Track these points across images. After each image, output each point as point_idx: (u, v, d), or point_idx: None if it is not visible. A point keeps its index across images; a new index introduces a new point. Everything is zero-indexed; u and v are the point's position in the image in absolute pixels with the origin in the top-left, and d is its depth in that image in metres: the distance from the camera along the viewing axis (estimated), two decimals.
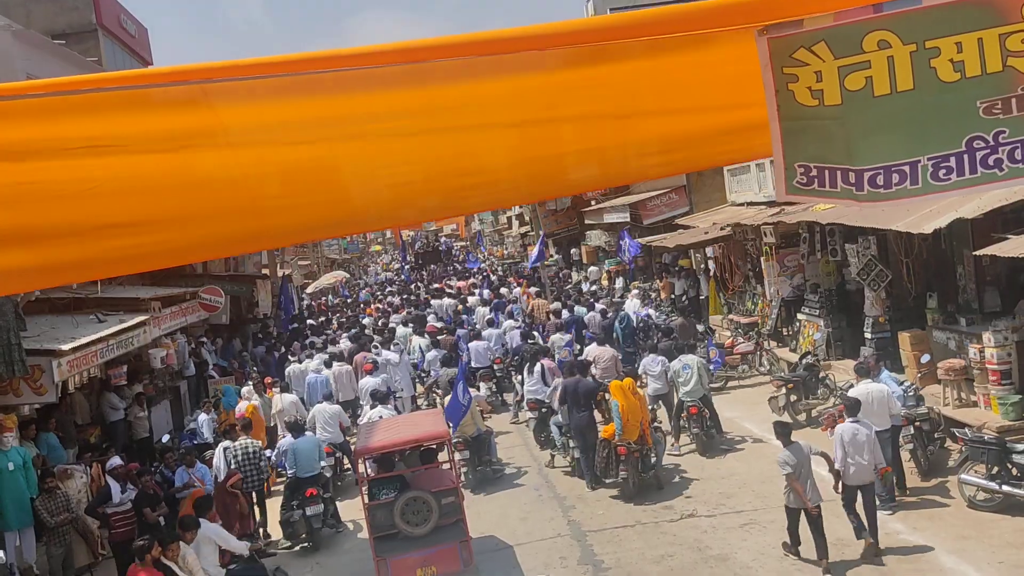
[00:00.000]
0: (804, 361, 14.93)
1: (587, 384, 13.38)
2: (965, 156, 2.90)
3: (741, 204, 22.60)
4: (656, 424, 13.46)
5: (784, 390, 14.08)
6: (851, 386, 12.62)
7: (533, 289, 31.52)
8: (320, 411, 14.88)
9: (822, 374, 14.72)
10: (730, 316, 21.32)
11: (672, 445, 13.98)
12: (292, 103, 2.66)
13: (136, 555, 8.23)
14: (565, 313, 22.84)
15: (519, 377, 17.86)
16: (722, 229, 21.96)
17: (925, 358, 12.87)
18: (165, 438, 14.63)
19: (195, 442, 14.77)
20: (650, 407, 13.74)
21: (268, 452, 13.63)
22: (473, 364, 18.76)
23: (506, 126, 2.91)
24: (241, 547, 9.76)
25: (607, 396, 12.94)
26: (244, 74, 2.58)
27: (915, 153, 2.89)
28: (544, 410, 14.91)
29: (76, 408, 15.63)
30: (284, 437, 13.64)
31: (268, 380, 17.54)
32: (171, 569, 8.46)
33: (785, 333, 19.05)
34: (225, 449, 12.43)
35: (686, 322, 20.08)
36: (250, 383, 17.72)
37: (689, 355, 14.53)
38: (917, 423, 11.14)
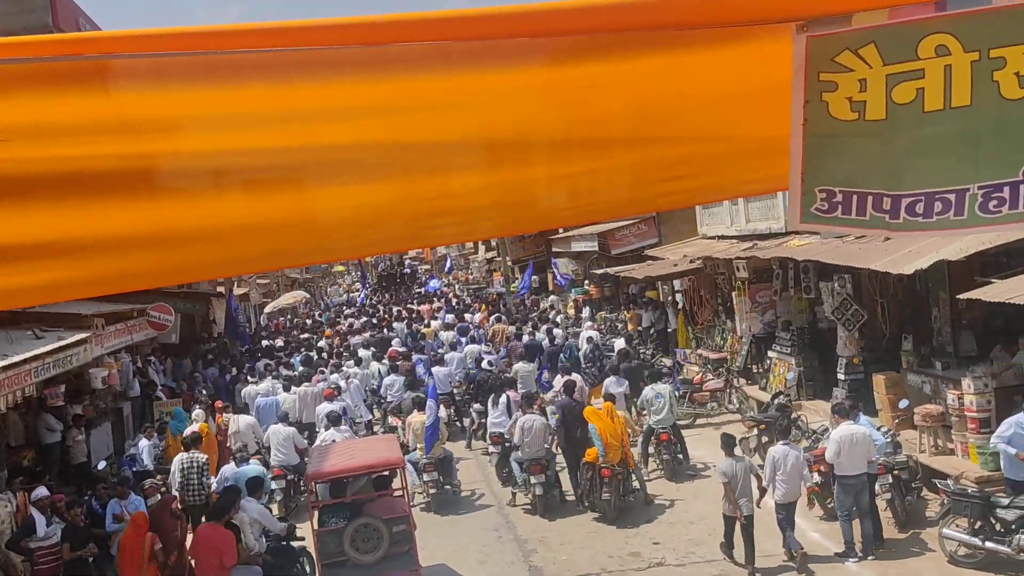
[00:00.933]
0: (776, 401, 14.50)
1: (581, 405, 13.80)
2: (1021, 187, 2.42)
3: (712, 237, 22.29)
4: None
5: (756, 431, 13.61)
6: (826, 429, 12.26)
7: (494, 316, 31.05)
8: (274, 432, 14.62)
9: (794, 415, 14.28)
10: (699, 351, 20.89)
11: (640, 471, 13.78)
12: (217, 91, 2.05)
13: None
14: (525, 338, 22.63)
15: (476, 405, 17.61)
16: (692, 262, 21.60)
17: (903, 403, 12.49)
18: (102, 464, 13.72)
19: (134, 469, 13.90)
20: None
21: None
22: (438, 390, 17.99)
23: (481, 141, 2.34)
24: (280, 527, 10.51)
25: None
26: (152, 48, 1.96)
27: (965, 180, 2.40)
28: (507, 444, 14.34)
29: (9, 429, 14.69)
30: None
31: (218, 404, 16.69)
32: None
33: (755, 370, 18.65)
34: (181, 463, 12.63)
35: (628, 348, 19.98)
36: (198, 406, 16.93)
37: (662, 384, 14.68)
38: (895, 471, 10.70)
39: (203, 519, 10.11)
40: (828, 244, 15.01)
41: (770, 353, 17.83)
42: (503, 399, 15.10)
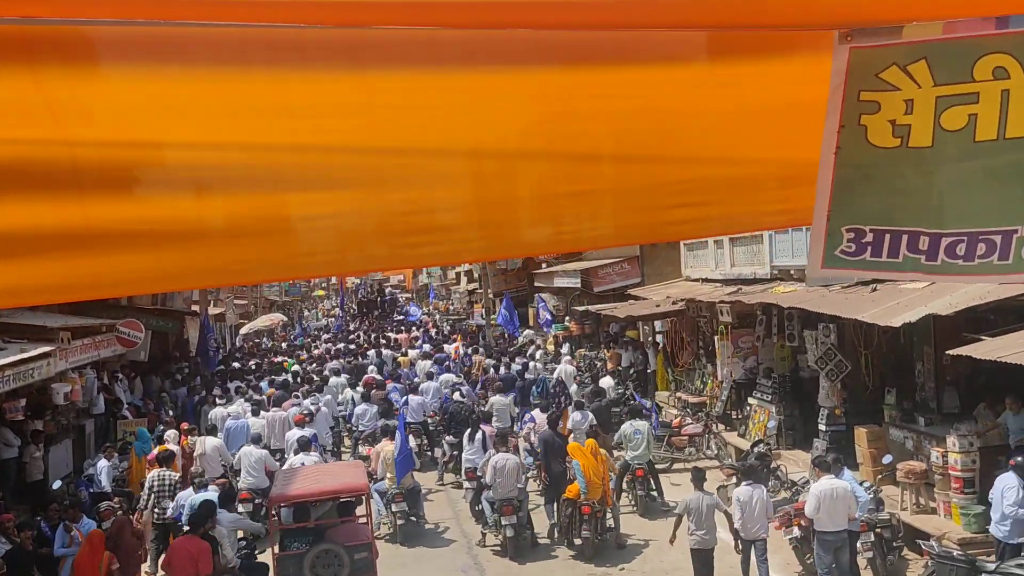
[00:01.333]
0: (756, 449, 14.20)
1: (559, 441, 13.84)
2: None
3: (696, 279, 22.12)
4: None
5: (734, 479, 13.25)
6: (806, 480, 11.97)
7: (472, 347, 30.69)
8: (246, 454, 14.43)
9: (773, 464, 13.99)
10: (678, 394, 20.60)
11: (616, 509, 13.59)
12: (155, 71, 1.74)
13: None
14: (502, 370, 22.58)
15: (448, 437, 17.26)
16: (675, 303, 21.40)
17: (887, 458, 12.22)
18: (57, 484, 13.14)
19: (91, 491, 13.36)
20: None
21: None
22: (408, 419, 17.61)
23: (468, 151, 2.05)
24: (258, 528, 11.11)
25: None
26: (78, 12, 1.65)
27: (1014, 220, 2.13)
28: (481, 480, 13.76)
29: None
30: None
31: (184, 426, 16.17)
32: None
33: (734, 417, 18.36)
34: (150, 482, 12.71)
35: (602, 388, 19.55)
36: (169, 428, 16.38)
37: (640, 421, 14.88)
38: (878, 529, 10.41)
39: (171, 537, 10.07)
40: (814, 292, 14.82)
41: (750, 400, 17.56)
42: (479, 434, 14.74)
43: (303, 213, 2.03)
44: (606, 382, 20.00)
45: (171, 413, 19.36)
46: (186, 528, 9.90)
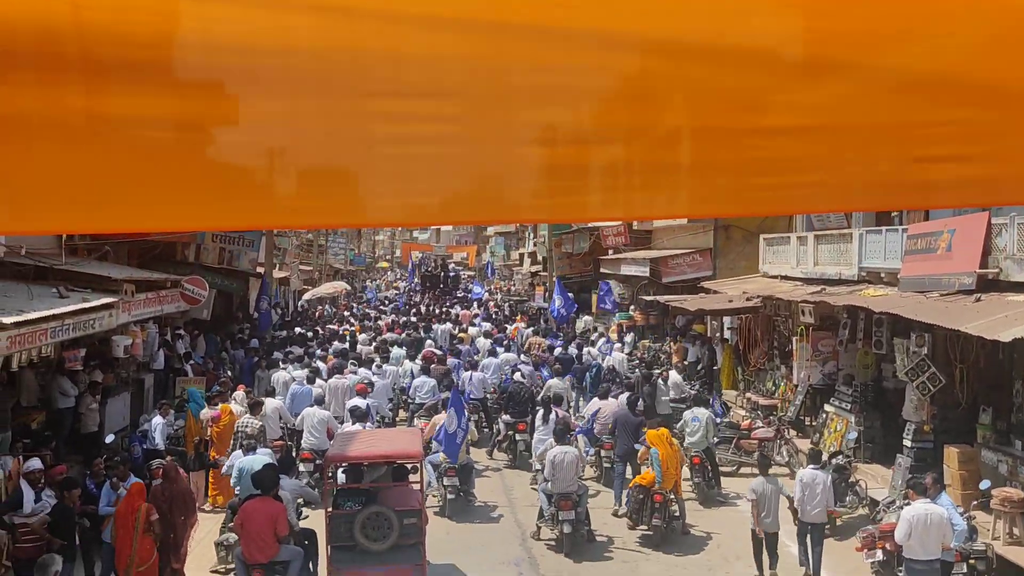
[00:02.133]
0: (834, 461, 13.29)
1: (635, 419, 14.46)
2: None
3: (775, 276, 21.13)
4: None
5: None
6: (891, 500, 11.12)
7: (531, 328, 30.16)
8: (309, 415, 14.68)
9: (852, 478, 13.10)
10: (748, 395, 19.70)
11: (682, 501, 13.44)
12: None
13: None
14: (558, 350, 23.13)
15: (504, 416, 17.23)
16: (749, 299, 20.47)
17: (985, 484, 11.25)
18: (110, 438, 12.96)
19: (144, 447, 13.17)
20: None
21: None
22: (472, 395, 18.23)
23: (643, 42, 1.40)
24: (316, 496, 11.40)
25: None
26: None
27: None
28: (579, 509, 12.82)
29: (23, 388, 14.08)
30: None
31: (241, 388, 15.94)
32: None
33: (808, 423, 17.44)
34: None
35: (647, 372, 19.57)
36: (226, 389, 16.24)
37: (700, 408, 14.98)
38: (971, 560, 9.52)
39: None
40: (910, 298, 13.84)
41: (827, 407, 16.62)
42: (552, 415, 14.41)
43: (389, 131, 1.41)
44: (674, 377, 19.16)
45: (229, 373, 19.19)
46: (256, 492, 9.82)
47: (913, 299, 13.67)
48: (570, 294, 36.30)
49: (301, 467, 14.00)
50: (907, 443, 13.74)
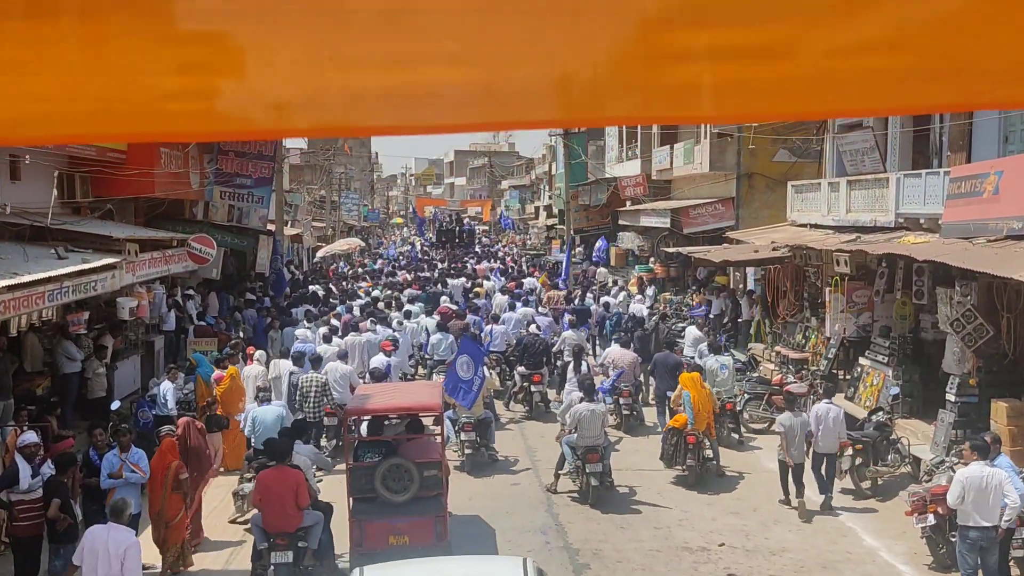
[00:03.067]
0: (874, 418, 12.63)
1: (673, 358, 15.48)
2: None
3: (803, 225, 20.28)
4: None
5: (851, 451, 11.81)
6: (940, 460, 10.49)
7: (550, 282, 29.60)
8: (332, 369, 14.52)
9: (893, 436, 12.44)
10: (777, 348, 19.00)
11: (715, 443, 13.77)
12: None
13: None
14: (576, 303, 23.54)
15: (520, 368, 17.36)
16: (775, 249, 19.67)
17: None
18: (116, 404, 12.43)
19: (154, 413, 12.67)
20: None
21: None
22: (493, 348, 18.15)
23: None
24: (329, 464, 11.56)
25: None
26: None
27: None
28: (606, 461, 12.83)
29: (27, 353, 13.59)
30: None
31: (251, 350, 15.41)
32: None
33: (842, 377, 16.75)
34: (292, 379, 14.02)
35: (643, 317, 21.22)
36: (237, 350, 15.82)
37: (724, 356, 15.67)
38: None
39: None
40: (954, 245, 13.04)
41: (862, 360, 15.92)
42: (583, 367, 14.94)
43: None
44: (692, 333, 18.49)
45: (241, 335, 18.66)
46: (271, 463, 9.58)
47: (958, 246, 12.87)
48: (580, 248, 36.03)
49: (326, 420, 13.93)
50: (950, 397, 13.02)
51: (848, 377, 16.46)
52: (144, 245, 15.08)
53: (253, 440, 12.07)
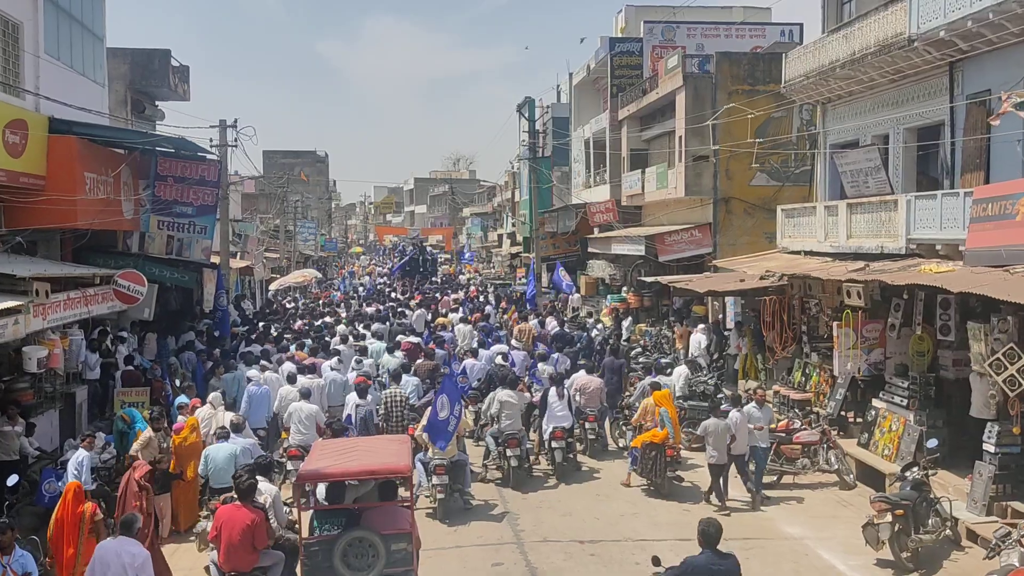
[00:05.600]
0: (910, 475, 10.95)
1: (618, 362, 17.85)
2: None
3: (796, 252, 18.79)
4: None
5: (890, 516, 10.11)
6: (1006, 533, 8.84)
7: (518, 314, 27.86)
8: (296, 410, 13.60)
9: (932, 495, 10.78)
10: (776, 387, 17.38)
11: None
12: None
13: None
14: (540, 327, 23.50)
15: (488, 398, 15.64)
16: (761, 279, 18.16)
17: None
18: (13, 479, 10.29)
19: (62, 483, 10.59)
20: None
21: None
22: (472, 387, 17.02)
23: None
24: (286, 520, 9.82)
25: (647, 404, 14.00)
26: None
27: None
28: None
29: None
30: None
31: (194, 403, 13.34)
32: None
33: (851, 421, 15.16)
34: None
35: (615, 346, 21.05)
36: (180, 398, 13.91)
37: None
38: None
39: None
40: (987, 274, 11.53)
41: (876, 403, 14.36)
42: (565, 393, 14.73)
43: None
44: (678, 372, 16.81)
45: (179, 383, 16.54)
46: (233, 496, 9.00)
47: (993, 275, 11.37)
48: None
49: (290, 465, 13.00)
50: (989, 448, 11.46)
51: (859, 420, 14.88)
52: (57, 283, 13.03)
53: (210, 481, 11.32)
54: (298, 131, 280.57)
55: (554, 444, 14.14)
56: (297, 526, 9.31)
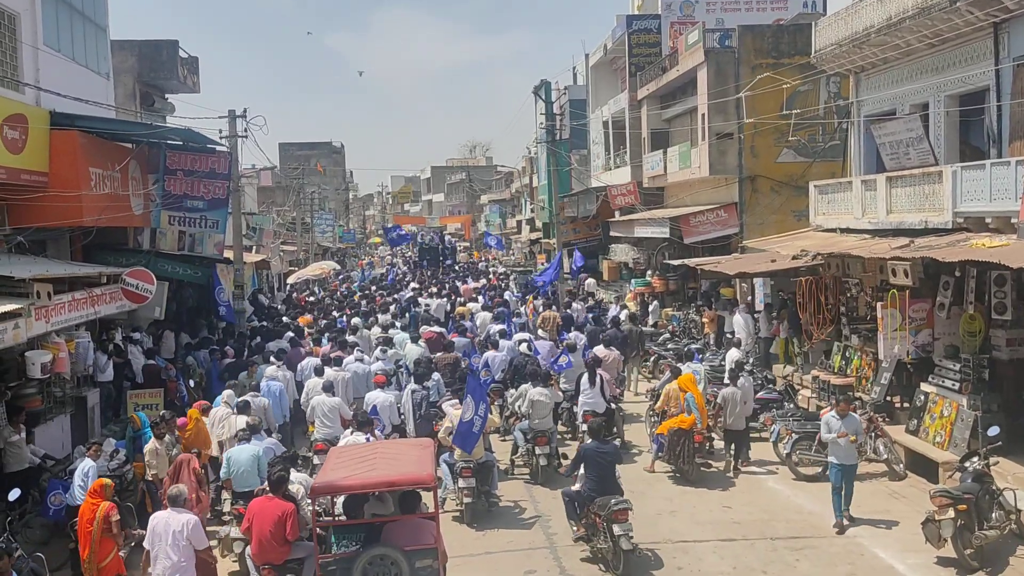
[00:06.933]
0: (970, 465, 10.20)
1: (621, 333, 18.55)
2: None
3: (831, 230, 17.97)
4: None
5: (952, 512, 9.37)
6: None
7: (540, 302, 27.16)
8: (319, 403, 13.49)
9: (994, 486, 10.03)
10: (816, 372, 16.60)
11: None
12: None
13: None
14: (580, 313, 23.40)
15: (510, 390, 15.78)
16: (794, 258, 17.35)
17: None
18: (15, 494, 9.75)
19: (68, 501, 10.08)
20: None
21: None
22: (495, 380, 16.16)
23: None
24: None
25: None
26: None
27: None
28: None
29: None
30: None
31: (199, 405, 12.79)
32: None
33: (898, 406, 14.39)
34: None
35: (623, 318, 21.69)
36: (194, 401, 13.44)
37: (697, 364, 15.56)
38: None
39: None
40: None
41: (925, 387, 13.58)
42: (597, 379, 14.45)
43: None
44: (732, 355, 15.97)
45: (192, 382, 16.01)
46: (265, 489, 9.14)
47: None
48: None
49: (316, 459, 12.57)
50: None
51: (907, 406, 14.10)
52: (66, 284, 12.49)
53: (233, 484, 10.82)
54: (313, 123, 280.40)
55: (538, 451, 13.52)
56: (313, 544, 8.69)
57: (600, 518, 9.77)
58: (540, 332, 21.54)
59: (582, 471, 10.35)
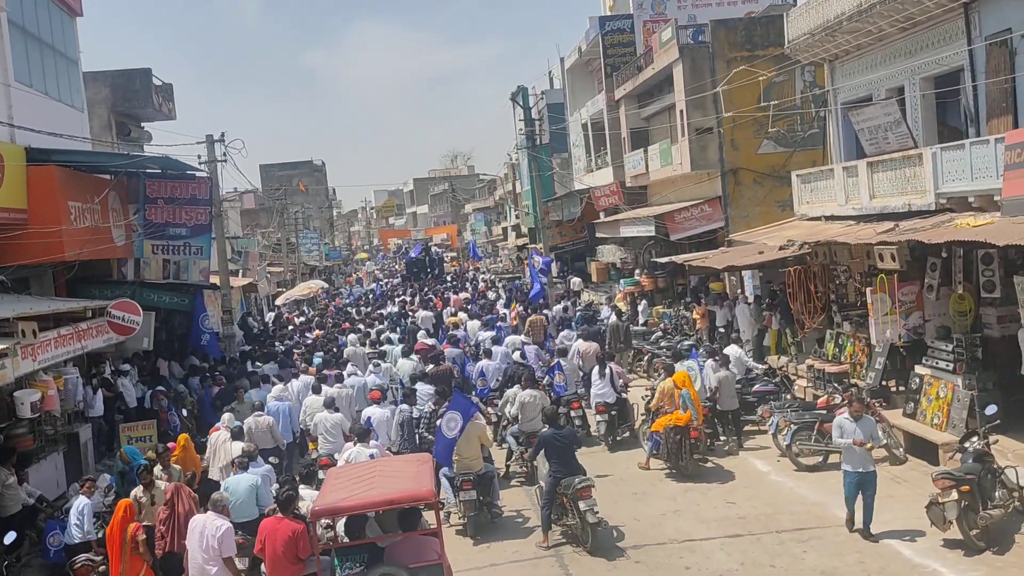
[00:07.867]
0: (970, 445, 10.18)
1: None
2: None
3: (816, 218, 17.99)
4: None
5: (955, 494, 9.35)
6: None
7: (528, 310, 27.09)
8: (322, 420, 13.53)
9: (995, 465, 10.02)
10: (810, 361, 16.59)
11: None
12: None
13: None
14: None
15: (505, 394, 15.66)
16: (781, 249, 17.36)
17: None
18: (10, 537, 9.62)
19: (64, 543, 9.94)
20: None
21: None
22: (489, 389, 16.65)
23: None
24: None
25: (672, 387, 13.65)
26: None
27: None
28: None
29: None
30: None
31: (181, 440, 12.64)
32: None
33: (893, 390, 14.40)
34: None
35: (620, 324, 21.87)
36: (183, 432, 13.28)
37: (692, 360, 15.04)
38: None
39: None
40: None
41: (919, 369, 13.58)
42: (607, 370, 15.09)
43: None
44: (732, 351, 15.89)
45: (184, 411, 15.86)
46: (273, 508, 9.12)
47: None
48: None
49: (321, 474, 11.93)
50: None
51: (902, 389, 14.11)
52: (53, 320, 12.36)
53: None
54: (293, 143, 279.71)
55: (598, 418, 15.19)
56: (329, 559, 8.58)
57: (567, 498, 10.54)
58: (524, 338, 21.49)
59: (547, 466, 10.92)
